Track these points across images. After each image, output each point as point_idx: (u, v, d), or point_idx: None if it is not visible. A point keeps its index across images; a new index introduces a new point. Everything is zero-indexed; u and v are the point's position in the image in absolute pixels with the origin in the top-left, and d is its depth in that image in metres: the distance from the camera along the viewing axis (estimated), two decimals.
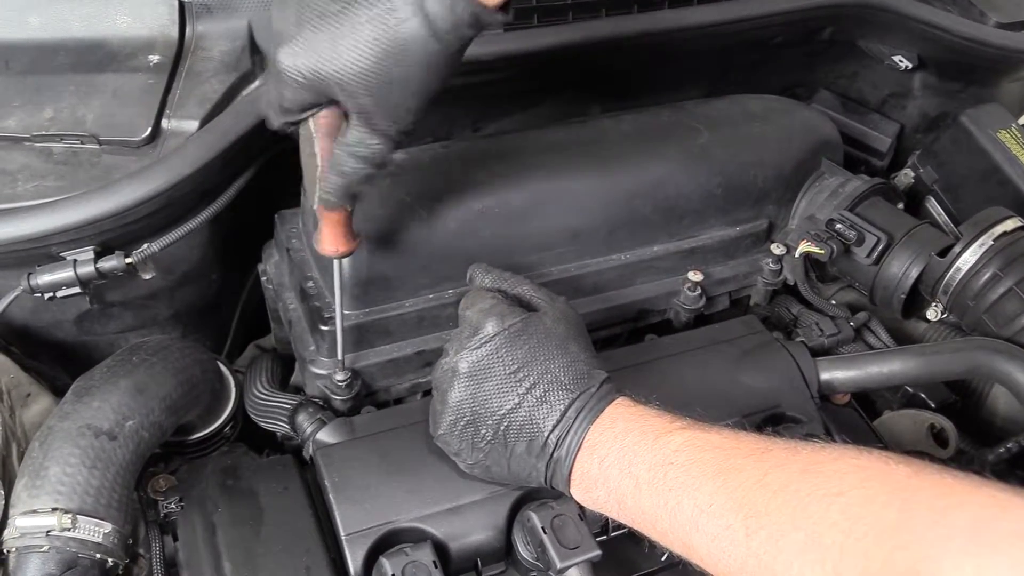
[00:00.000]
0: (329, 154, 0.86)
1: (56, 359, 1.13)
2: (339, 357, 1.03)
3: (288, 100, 0.83)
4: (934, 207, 1.40)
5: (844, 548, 0.65)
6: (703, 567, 0.78)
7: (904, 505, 0.64)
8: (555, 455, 0.85)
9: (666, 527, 0.79)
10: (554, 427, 0.85)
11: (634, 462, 0.81)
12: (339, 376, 1.03)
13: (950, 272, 1.16)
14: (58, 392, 1.04)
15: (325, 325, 1.05)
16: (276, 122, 0.87)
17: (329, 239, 0.94)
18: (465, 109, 1.32)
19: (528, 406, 0.86)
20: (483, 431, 0.88)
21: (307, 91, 0.81)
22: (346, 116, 0.84)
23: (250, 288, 1.34)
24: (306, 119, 0.85)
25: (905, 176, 1.45)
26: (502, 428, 0.87)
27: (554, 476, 0.87)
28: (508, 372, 0.86)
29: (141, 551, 0.94)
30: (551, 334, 0.89)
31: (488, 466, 0.90)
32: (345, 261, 1.01)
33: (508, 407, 0.86)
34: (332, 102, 0.83)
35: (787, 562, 0.68)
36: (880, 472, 0.68)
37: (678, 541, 0.79)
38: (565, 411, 0.85)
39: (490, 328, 0.88)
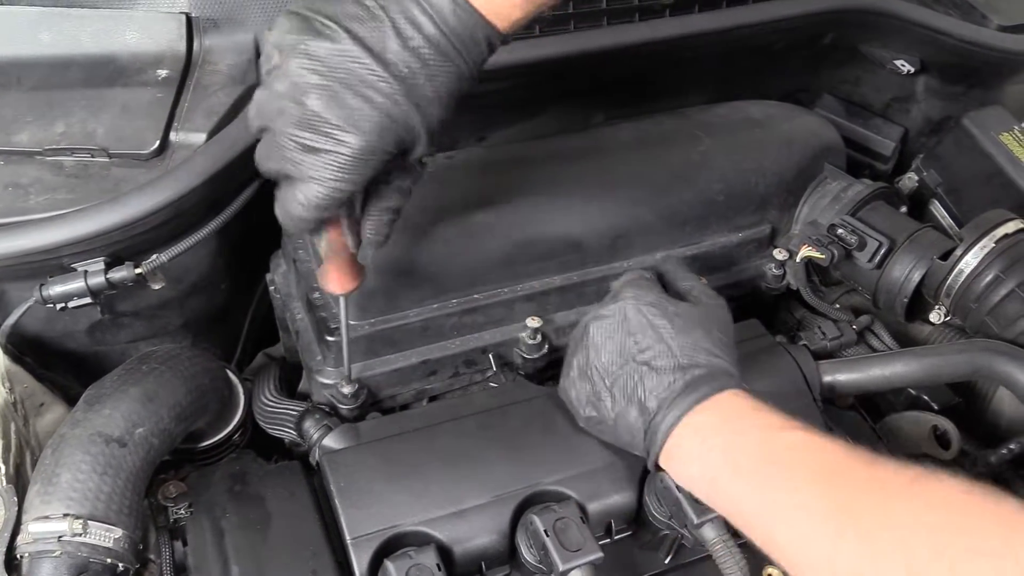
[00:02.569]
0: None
1: (69, 369, 1.15)
2: (346, 372, 1.05)
3: (356, 184, 0.80)
4: (938, 210, 1.40)
5: (933, 547, 0.66)
6: (778, 558, 0.78)
7: (1006, 534, 0.65)
8: (653, 422, 0.88)
9: (752, 515, 0.80)
10: (658, 394, 0.88)
11: (739, 450, 0.83)
12: (346, 389, 1.05)
13: (952, 275, 1.16)
14: (71, 401, 1.05)
15: (331, 336, 1.06)
16: (318, 219, 0.84)
17: (335, 278, 0.94)
18: (470, 119, 1.33)
19: (640, 371, 0.90)
20: (596, 387, 0.93)
21: (372, 170, 0.80)
22: None
23: (259, 297, 1.36)
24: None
25: (909, 180, 1.45)
26: (614, 387, 0.91)
27: (651, 445, 0.89)
28: (628, 335, 0.92)
29: (152, 556, 0.95)
30: (682, 316, 0.94)
31: (598, 422, 0.94)
32: None
33: (619, 367, 0.91)
34: None
35: (873, 562, 0.69)
36: (985, 498, 0.68)
37: (760, 530, 0.79)
38: (672, 383, 0.88)
39: (626, 294, 0.95)
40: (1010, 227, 1.15)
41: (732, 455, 0.83)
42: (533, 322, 1.09)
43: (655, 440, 0.88)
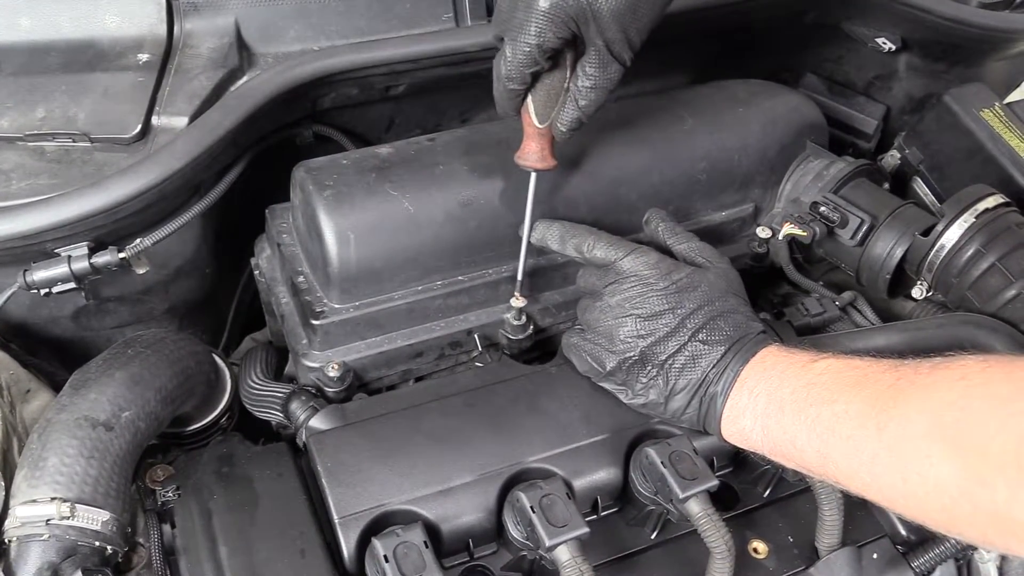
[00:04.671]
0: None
1: (54, 355, 1.15)
2: (519, 278, 1.10)
3: (546, 40, 0.88)
4: (920, 187, 1.40)
5: (961, 422, 0.71)
6: (838, 477, 0.85)
7: (1018, 381, 0.70)
8: (710, 391, 0.95)
9: (804, 441, 0.86)
10: (713, 366, 0.95)
11: (781, 388, 0.90)
12: (332, 372, 1.06)
13: (934, 250, 1.17)
14: (57, 388, 1.06)
15: (316, 319, 1.07)
16: (522, 75, 0.92)
17: (534, 154, 1.02)
18: (453, 100, 1.33)
19: (693, 348, 0.96)
20: (649, 368, 0.97)
21: (562, 28, 0.88)
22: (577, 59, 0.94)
23: (245, 282, 1.36)
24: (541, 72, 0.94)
25: (892, 157, 1.45)
26: (667, 366, 0.96)
27: (707, 413, 0.96)
28: (677, 319, 0.97)
29: (140, 540, 0.96)
30: (714, 287, 1.00)
31: (648, 401, 0.98)
32: (334, 255, 1.03)
33: (674, 349, 0.96)
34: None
35: (916, 447, 0.75)
36: (1001, 362, 0.75)
37: (814, 452, 0.85)
38: (724, 353, 0.95)
39: (660, 281, 0.99)
40: (990, 202, 1.16)
41: (775, 395, 0.90)
42: (517, 302, 1.10)
43: (714, 407, 0.95)
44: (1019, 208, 1.18)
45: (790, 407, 0.88)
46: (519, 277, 1.10)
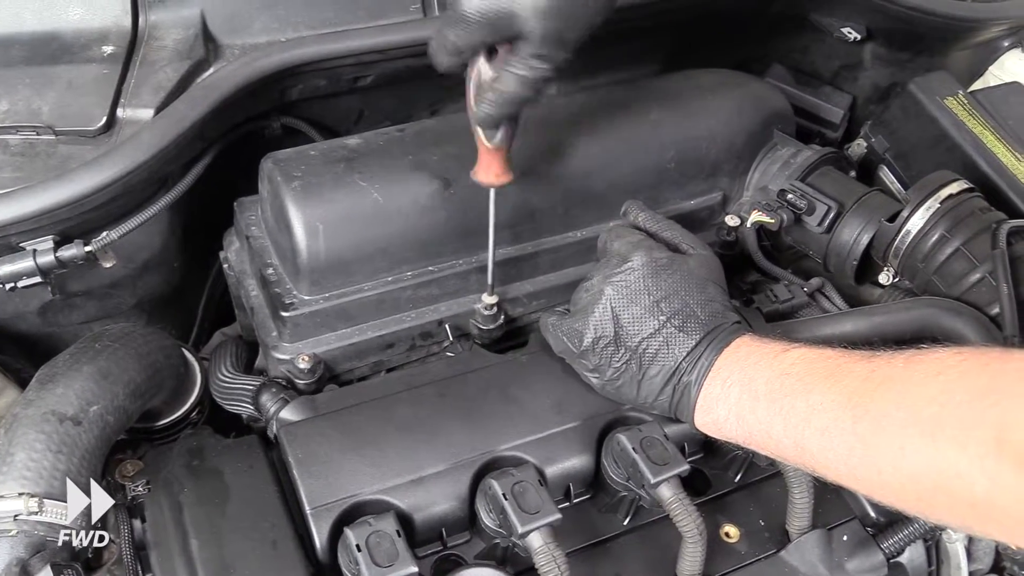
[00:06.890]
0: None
1: (21, 351, 1.13)
2: (489, 282, 1.10)
3: (464, 38, 0.88)
4: (887, 175, 1.42)
5: (940, 417, 0.72)
6: (815, 467, 0.85)
7: (995, 373, 0.71)
8: (684, 380, 0.94)
9: (780, 432, 0.86)
10: (687, 354, 0.94)
11: (754, 378, 0.90)
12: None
13: (899, 236, 1.18)
14: (23, 385, 1.04)
15: (286, 311, 1.06)
16: (447, 62, 0.92)
17: (488, 170, 1.01)
18: (423, 91, 1.33)
19: (667, 333, 0.95)
20: (622, 351, 0.96)
21: (485, 28, 0.86)
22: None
23: (215, 276, 1.35)
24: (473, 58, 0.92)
25: (858, 146, 1.47)
26: (640, 350, 0.96)
27: (680, 401, 0.95)
28: (652, 301, 0.96)
29: (111, 536, 0.95)
30: (692, 274, 0.99)
31: (619, 386, 0.98)
32: (303, 246, 1.03)
33: (648, 332, 0.95)
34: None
35: (890, 440, 0.75)
36: (976, 353, 0.75)
37: (791, 443, 0.86)
38: (699, 342, 0.94)
39: (638, 259, 0.98)
40: (954, 187, 1.17)
41: (749, 386, 0.90)
42: (489, 298, 1.10)
43: (687, 396, 0.94)
44: (983, 194, 1.20)
45: (764, 397, 0.88)
46: (489, 280, 1.10)
